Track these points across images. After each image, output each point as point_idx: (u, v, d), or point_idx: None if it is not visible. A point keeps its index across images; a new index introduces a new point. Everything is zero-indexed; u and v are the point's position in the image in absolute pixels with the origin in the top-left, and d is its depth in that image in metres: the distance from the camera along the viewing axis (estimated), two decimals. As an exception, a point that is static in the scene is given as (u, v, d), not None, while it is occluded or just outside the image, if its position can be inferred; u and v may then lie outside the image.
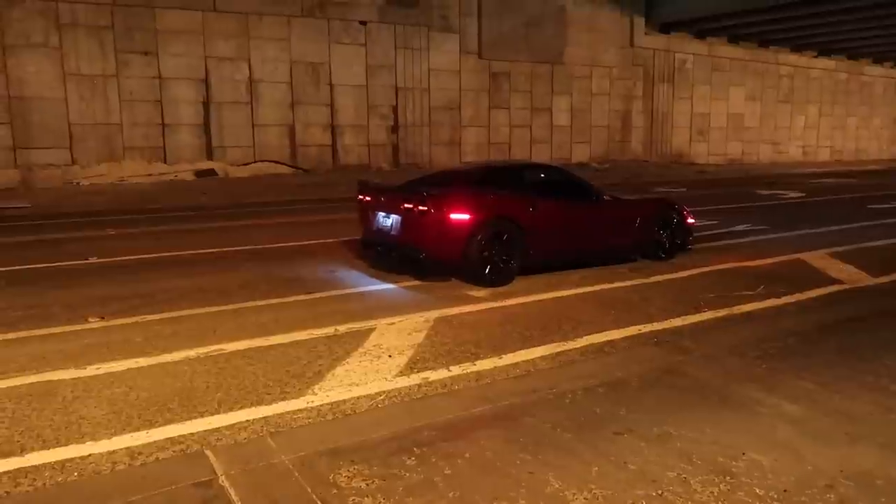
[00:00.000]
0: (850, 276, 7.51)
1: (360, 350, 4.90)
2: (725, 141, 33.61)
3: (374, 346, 5.00)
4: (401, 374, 4.47)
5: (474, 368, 4.59)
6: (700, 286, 7.01)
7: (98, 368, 4.50)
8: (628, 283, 7.14)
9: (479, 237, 6.63)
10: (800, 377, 4.35)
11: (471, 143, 25.38)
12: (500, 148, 26.12)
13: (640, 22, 28.87)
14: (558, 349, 4.98)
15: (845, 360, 4.68)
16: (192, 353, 4.80)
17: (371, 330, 5.38)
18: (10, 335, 5.22)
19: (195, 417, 3.78)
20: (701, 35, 30.96)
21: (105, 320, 5.61)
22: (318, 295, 6.50)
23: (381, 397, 4.09)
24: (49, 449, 3.40)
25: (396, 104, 23.51)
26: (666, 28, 29.72)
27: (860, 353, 4.86)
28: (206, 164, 20.10)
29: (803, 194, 17.41)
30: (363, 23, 22.32)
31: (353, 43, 22.27)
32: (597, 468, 3.20)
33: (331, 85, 22.12)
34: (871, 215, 13.01)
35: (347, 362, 4.65)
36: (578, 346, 5.08)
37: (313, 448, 3.36)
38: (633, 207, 8.10)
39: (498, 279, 6.84)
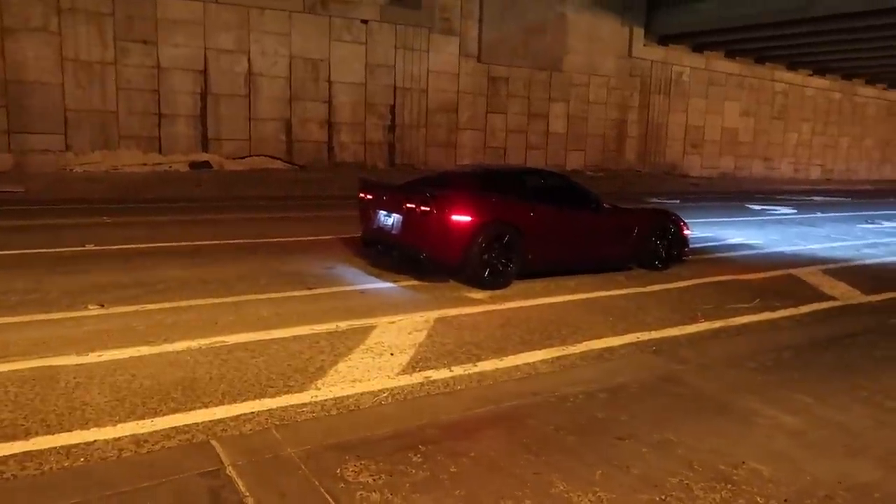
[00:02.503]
0: (843, 293, 7.62)
1: (363, 347, 4.92)
2: (719, 155, 33.83)
3: (376, 343, 5.02)
4: (403, 372, 4.50)
5: (476, 370, 4.63)
6: (696, 297, 7.08)
7: (100, 356, 4.49)
8: (624, 291, 7.21)
9: (479, 240, 6.66)
10: (796, 390, 4.40)
11: (467, 145, 25.43)
12: (496, 152, 26.18)
13: (639, 33, 29.03)
14: (558, 353, 5.03)
15: (840, 375, 4.75)
16: (193, 343, 4.80)
17: (372, 328, 5.40)
18: (10, 319, 5.19)
19: (199, 408, 3.79)
20: (698, 48, 31.16)
21: (105, 308, 5.59)
22: (318, 291, 6.52)
23: (385, 394, 4.12)
24: (54, 434, 3.40)
25: (394, 104, 23.51)
26: (664, 40, 29.89)
27: (854, 368, 4.93)
28: (201, 156, 20.01)
29: (795, 211, 17.59)
30: (364, 21, 22.31)
31: (353, 41, 22.25)
32: (601, 471, 3.24)
33: (329, 82, 22.09)
34: (862, 234, 13.16)
35: (350, 359, 4.67)
36: (578, 351, 5.12)
37: (319, 442, 3.38)
38: (631, 216, 8.17)
39: (496, 282, 6.88)
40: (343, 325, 5.42)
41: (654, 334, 5.64)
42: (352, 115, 22.70)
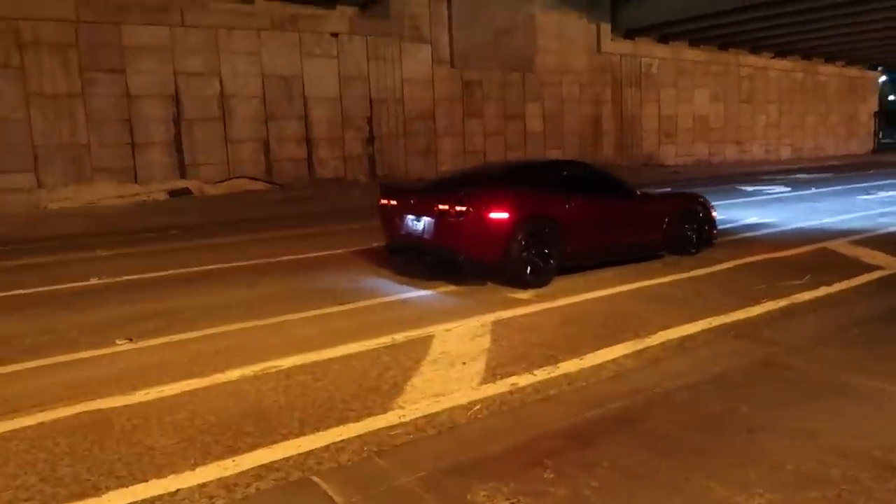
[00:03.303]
0: (886, 261, 7.41)
1: (429, 359, 4.53)
2: (692, 142, 34.03)
3: (441, 353, 4.63)
4: (484, 381, 4.12)
5: (559, 371, 4.26)
6: (743, 278, 6.81)
7: (146, 393, 4.03)
8: (669, 278, 6.90)
9: (519, 237, 6.32)
10: (905, 362, 4.13)
11: (447, 151, 25.12)
12: (475, 156, 25.90)
13: (606, 28, 29.07)
14: (637, 347, 4.69)
15: (939, 343, 4.49)
16: (246, 371, 4.36)
17: (430, 337, 5.01)
18: (34, 363, 4.69)
19: (280, 441, 3.37)
20: (664, 39, 31.32)
21: (134, 342, 5.11)
22: (352, 305, 6.09)
23: (477, 407, 3.73)
24: (128, 486, 2.96)
25: (371, 115, 23.12)
26: (631, 34, 29.98)
27: (948, 334, 4.68)
28: (179, 183, 19.37)
29: (788, 189, 17.56)
30: (335, 35, 21.91)
31: (324, 55, 21.84)
32: (754, 471, 2.90)
33: (304, 98, 21.63)
34: (866, 206, 13.09)
35: (421, 372, 4.28)
36: (656, 342, 4.79)
37: (431, 466, 2.99)
38: (662, 201, 7.89)
39: (538, 280, 6.53)
40: (399, 337, 5.02)
41: (724, 319, 5.33)
42: (329, 129, 22.26)
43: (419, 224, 6.70)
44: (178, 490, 2.91)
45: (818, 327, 5.03)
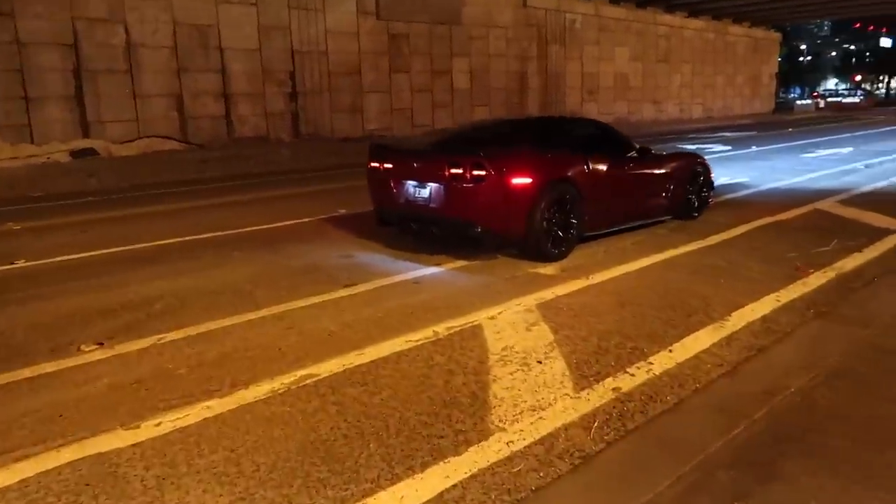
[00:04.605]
0: (891, 223, 7.20)
1: (494, 357, 3.76)
2: (613, 100, 34.14)
3: (504, 349, 3.87)
4: (578, 385, 3.40)
5: (655, 368, 3.60)
6: (768, 245, 6.37)
7: (157, 425, 3.07)
8: (690, 247, 6.37)
9: (542, 204, 5.58)
10: None
11: (373, 109, 23.91)
12: (403, 114, 24.84)
13: (531, -20, 28.38)
14: (721, 333, 4.09)
15: None
16: (275, 384, 3.45)
17: (476, 328, 4.24)
18: (-21, 384, 3.58)
19: (370, 490, 2.53)
20: (587, -5, 31.04)
21: (106, 346, 4.06)
22: (361, 288, 5.19)
23: (595, 424, 3.01)
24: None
25: (294, 69, 21.55)
26: (555, -12, 29.47)
27: None
28: (82, 143, 17.33)
29: (729, 147, 17.61)
30: (252, -21, 20.11)
31: (242, 2, 20.00)
32: None
33: (220, 49, 19.80)
34: (819, 165, 13.14)
35: (496, 376, 3.51)
36: (738, 326, 4.21)
37: (602, 522, 2.26)
38: (670, 162, 7.30)
39: (560, 252, 5.85)
40: (440, 329, 4.21)
41: (787, 294, 4.83)
42: (249, 84, 20.60)
43: (424, 191, 5.82)
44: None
45: (892, 301, 4.61)
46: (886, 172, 11.60)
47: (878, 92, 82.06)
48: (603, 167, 6.25)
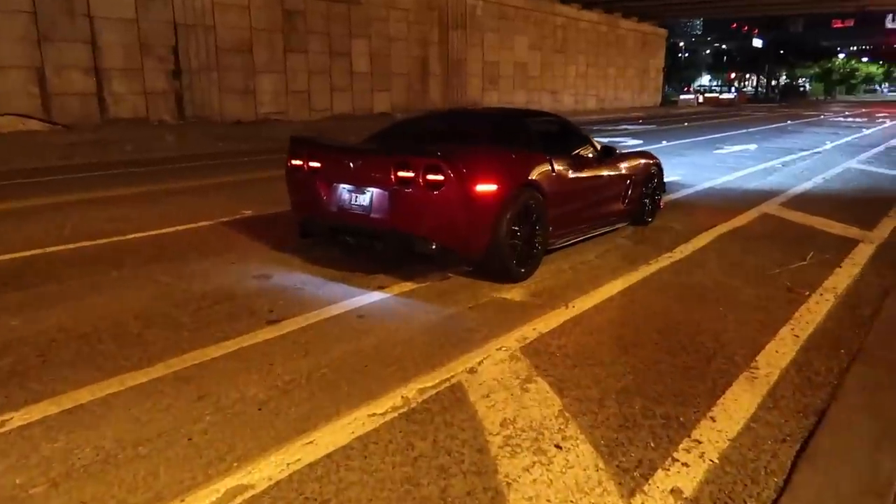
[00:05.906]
0: (846, 230, 6.87)
1: (497, 442, 2.76)
2: (513, 89, 33.84)
3: (504, 426, 2.89)
4: (624, 488, 2.47)
5: (704, 449, 2.75)
6: (744, 259, 5.74)
7: None
8: (665, 262, 5.62)
9: (508, 215, 4.63)
10: None
11: (267, 91, 22.17)
12: (299, 97, 23.24)
13: (432, -37, 27.37)
14: (760, 389, 3.30)
15: None
16: (271, 472, 2.30)
17: (456, 388, 3.23)
18: None
19: None
20: (487, -19, 30.42)
21: (19, 410, 2.73)
22: (292, 325, 4.01)
23: (677, 562, 2.09)
24: None
25: (177, 44, 19.49)
26: (456, -29, 28.61)
27: None
28: (-81, 120, 14.79)
29: (640, 142, 17.38)
30: (127, -60, 17.90)
31: (116, -36, 17.81)
32: None
33: (90, 17, 17.51)
34: (735, 162, 12.99)
35: (509, 478, 2.52)
36: (774, 378, 3.42)
37: None
38: (630, 162, 6.54)
39: (525, 271, 4.93)
40: (410, 393, 3.16)
41: (798, 327, 4.14)
42: (125, 58, 18.44)
43: (363, 197, 4.70)
44: None
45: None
46: (805, 172, 11.54)
47: (746, 89, 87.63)
48: (567, 168, 5.38)
